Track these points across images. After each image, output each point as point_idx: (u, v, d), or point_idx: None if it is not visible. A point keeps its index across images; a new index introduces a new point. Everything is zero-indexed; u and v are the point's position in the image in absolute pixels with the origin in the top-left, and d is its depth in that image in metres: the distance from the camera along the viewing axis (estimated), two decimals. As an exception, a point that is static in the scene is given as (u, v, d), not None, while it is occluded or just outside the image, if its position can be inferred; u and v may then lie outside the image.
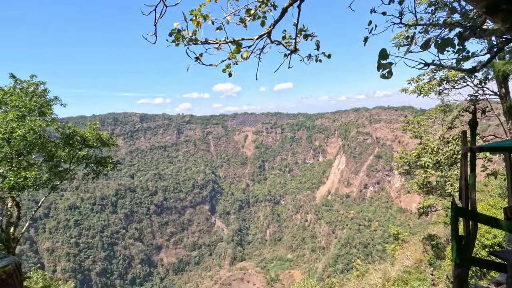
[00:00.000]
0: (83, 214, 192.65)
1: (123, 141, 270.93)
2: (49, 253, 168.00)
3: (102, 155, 18.49)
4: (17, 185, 11.42)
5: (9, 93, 13.37)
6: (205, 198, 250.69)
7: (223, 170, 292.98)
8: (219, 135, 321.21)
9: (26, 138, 12.42)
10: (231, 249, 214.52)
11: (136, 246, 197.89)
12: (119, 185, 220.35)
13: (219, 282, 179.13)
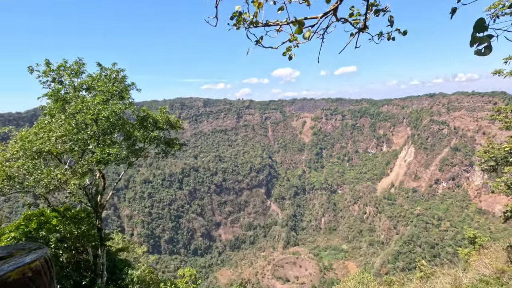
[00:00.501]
0: (155, 188, 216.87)
1: (189, 124, 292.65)
2: (128, 219, 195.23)
3: (170, 136, 20.17)
4: (102, 159, 13.31)
5: (97, 79, 15.44)
6: (261, 181, 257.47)
7: (279, 155, 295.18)
8: (277, 121, 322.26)
9: (109, 119, 14.27)
10: (285, 233, 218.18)
11: (198, 221, 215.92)
12: (185, 164, 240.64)
13: (272, 263, 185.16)
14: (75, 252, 15.68)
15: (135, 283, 15.80)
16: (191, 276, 22.19)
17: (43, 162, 13.75)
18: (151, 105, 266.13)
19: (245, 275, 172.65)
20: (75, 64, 14.88)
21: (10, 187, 12.34)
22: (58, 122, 13.55)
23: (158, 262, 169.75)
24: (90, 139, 13.83)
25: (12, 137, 14.16)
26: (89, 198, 15.44)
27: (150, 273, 22.60)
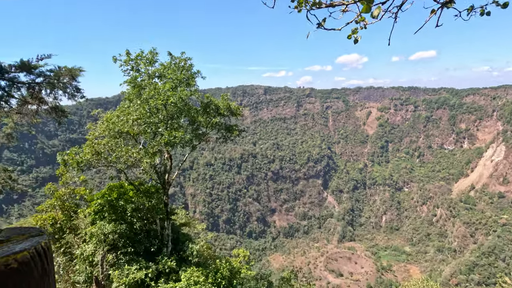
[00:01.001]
0: (216, 171, 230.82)
1: (249, 111, 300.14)
2: (192, 197, 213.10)
3: (231, 122, 20.95)
4: (169, 142, 14.61)
5: (167, 68, 16.81)
6: (318, 172, 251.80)
7: (339, 146, 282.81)
8: (338, 110, 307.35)
9: (176, 105, 15.49)
10: (341, 227, 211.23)
11: (254, 205, 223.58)
12: (244, 150, 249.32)
13: (325, 255, 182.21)
14: (146, 222, 17.78)
15: (195, 256, 17.24)
16: (245, 257, 23.22)
17: (123, 142, 15.73)
18: (215, 93, 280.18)
19: (297, 263, 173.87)
20: (149, 54, 16.41)
21: (98, 161, 14.48)
22: (134, 107, 15.26)
23: (216, 239, 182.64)
24: (160, 122, 15.27)
25: (100, 118, 16.50)
26: (158, 175, 17.21)
27: (208, 249, 24.41)
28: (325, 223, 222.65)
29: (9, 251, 0.91)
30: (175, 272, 15.39)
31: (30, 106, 8.82)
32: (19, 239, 1.01)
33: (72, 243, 16.95)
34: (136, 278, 13.70)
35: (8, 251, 0.91)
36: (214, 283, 14.88)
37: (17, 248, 0.93)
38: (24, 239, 1.00)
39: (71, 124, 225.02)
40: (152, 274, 14.33)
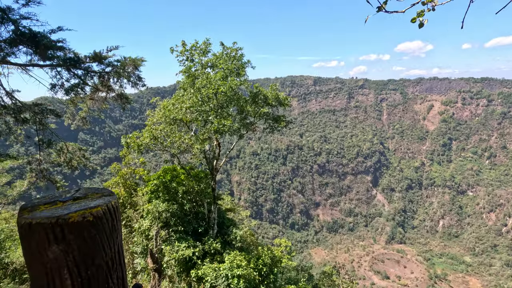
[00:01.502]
0: (261, 160, 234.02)
1: (297, 102, 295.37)
2: (237, 184, 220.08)
3: (278, 113, 20.90)
4: (219, 129, 15.21)
5: (219, 58, 17.33)
6: (368, 168, 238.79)
7: (393, 142, 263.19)
8: (395, 103, 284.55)
9: (226, 94, 15.97)
10: (390, 227, 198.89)
11: (298, 198, 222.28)
12: (290, 141, 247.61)
13: (371, 255, 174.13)
14: (195, 204, 18.94)
15: (238, 241, 17.92)
16: (287, 247, 23.38)
17: (177, 128, 16.82)
18: (264, 83, 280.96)
19: (340, 259, 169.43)
20: (203, 44, 17.06)
21: (155, 145, 15.77)
22: (188, 95, 16.14)
23: (259, 227, 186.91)
24: (210, 111, 15.92)
25: (157, 106, 17.84)
26: (207, 161, 18.09)
27: (251, 235, 25.13)
28: (372, 221, 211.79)
29: (86, 206, 1.04)
30: (220, 254, 16.23)
31: (100, 93, 9.76)
32: (93, 197, 1.15)
33: (131, 217, 18.91)
34: (184, 255, 14.79)
35: (85, 206, 1.04)
36: (256, 268, 15.32)
37: (92, 203, 1.07)
38: (98, 197, 1.14)
39: (133, 111, 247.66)
40: (199, 253, 15.31)
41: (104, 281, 1.10)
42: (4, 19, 6.51)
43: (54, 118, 9.54)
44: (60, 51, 7.77)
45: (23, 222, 1.00)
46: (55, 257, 1.00)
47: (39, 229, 0.97)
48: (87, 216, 0.99)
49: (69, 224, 0.97)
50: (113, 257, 1.14)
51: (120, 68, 8.77)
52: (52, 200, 1.12)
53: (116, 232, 1.16)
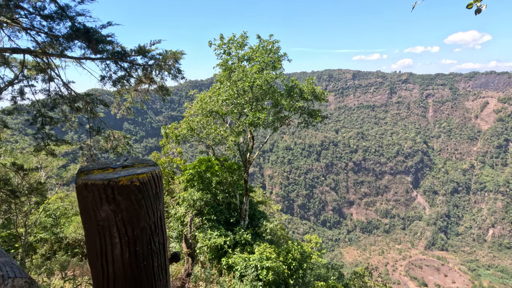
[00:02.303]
0: (295, 155, 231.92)
1: (334, 97, 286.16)
2: (269, 178, 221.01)
3: (314, 107, 20.45)
4: (253, 122, 15.33)
5: (256, 51, 17.35)
6: (409, 168, 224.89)
7: (439, 141, 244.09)
8: (443, 99, 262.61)
9: (262, 87, 15.99)
10: (431, 232, 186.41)
11: (331, 195, 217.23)
12: (325, 137, 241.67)
13: (408, 260, 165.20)
14: (228, 195, 19.43)
15: (268, 233, 18.09)
16: (317, 244, 23.08)
17: (213, 120, 17.28)
18: (300, 77, 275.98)
19: (373, 261, 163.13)
20: (240, 38, 17.18)
21: (191, 136, 16.38)
22: (224, 88, 16.45)
23: (289, 222, 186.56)
24: (246, 104, 16.09)
25: (195, 98, 18.45)
26: (241, 154, 18.38)
27: (281, 229, 25.19)
28: (410, 225, 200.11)
29: (133, 172, 1.17)
30: (250, 245, 16.53)
31: (143, 85, 10.31)
32: (140, 166, 1.27)
33: (168, 203, 19.98)
34: (216, 243, 15.32)
35: (133, 172, 1.17)
36: (285, 262, 15.37)
37: (139, 171, 1.19)
38: (143, 167, 1.26)
39: (172, 103, 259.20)
40: (230, 242, 15.75)
41: (147, 242, 1.22)
42: (63, 16, 7.11)
43: (103, 108, 10.34)
44: (109, 45, 8.33)
45: (80, 182, 1.13)
46: (106, 216, 1.12)
47: (93, 189, 1.09)
48: (134, 181, 1.10)
49: (119, 186, 1.09)
50: (156, 222, 1.25)
51: (161, 61, 9.19)
52: (104, 166, 1.24)
53: (159, 199, 1.27)
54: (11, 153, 15.45)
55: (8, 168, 9.49)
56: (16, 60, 8.74)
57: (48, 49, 8.16)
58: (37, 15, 7.33)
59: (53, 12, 7.25)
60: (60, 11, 7.41)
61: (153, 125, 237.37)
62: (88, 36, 7.62)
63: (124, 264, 1.20)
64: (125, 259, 1.20)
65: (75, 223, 19.60)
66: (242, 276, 14.11)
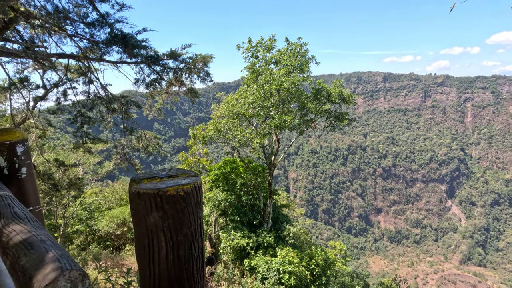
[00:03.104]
0: (320, 159, 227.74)
1: (363, 100, 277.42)
2: (294, 181, 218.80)
3: (341, 110, 20.01)
4: (279, 125, 15.33)
5: (283, 54, 17.36)
6: (443, 176, 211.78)
7: (478, 149, 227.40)
8: (483, 103, 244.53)
9: (288, 90, 15.95)
10: (467, 246, 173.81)
11: (357, 201, 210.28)
12: (352, 141, 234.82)
13: (440, 273, 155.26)
14: (251, 197, 19.54)
15: (291, 237, 17.91)
16: (341, 251, 22.48)
17: (239, 122, 17.49)
18: (328, 79, 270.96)
19: (401, 272, 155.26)
20: (268, 41, 17.28)
21: (217, 137, 16.71)
22: (251, 91, 16.61)
23: (313, 227, 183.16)
24: (272, 106, 16.11)
25: (222, 101, 18.82)
26: (265, 156, 18.42)
27: (305, 234, 24.83)
28: (444, 236, 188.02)
29: (178, 183, 1.28)
30: (272, 248, 16.47)
31: (173, 87, 10.74)
32: (183, 176, 1.40)
33: (194, 203, 20.49)
34: (239, 244, 15.45)
35: (178, 183, 1.29)
36: (308, 267, 15.13)
37: (183, 181, 1.31)
38: (186, 177, 1.38)
39: (200, 104, 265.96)
40: (253, 244, 15.81)
41: (189, 247, 1.34)
42: (103, 23, 7.61)
43: (136, 109, 10.88)
44: (144, 50, 8.77)
45: (134, 191, 1.26)
46: (155, 222, 1.25)
47: (145, 197, 1.22)
48: (180, 191, 1.22)
49: (166, 196, 1.21)
50: (196, 229, 1.37)
51: (191, 65, 9.51)
52: (152, 176, 1.38)
53: (199, 208, 1.38)
54: (53, 149, 16.72)
55: (52, 163, 10.27)
56: (61, 64, 9.48)
57: (89, 54, 8.77)
58: (81, 22, 7.91)
59: (94, 20, 7.79)
60: (101, 19, 7.93)
61: (181, 126, 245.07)
62: (125, 41, 8.08)
63: (169, 266, 1.32)
64: (169, 261, 1.31)
65: (108, 217, 20.75)
66: (264, 279, 14.09)
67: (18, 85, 8.37)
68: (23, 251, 1.28)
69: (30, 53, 6.62)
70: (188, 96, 10.82)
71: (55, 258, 1.16)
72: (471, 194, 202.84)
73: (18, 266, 1.22)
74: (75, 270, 1.10)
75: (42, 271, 1.09)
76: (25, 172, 2.61)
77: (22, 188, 2.66)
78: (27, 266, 1.16)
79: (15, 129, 2.68)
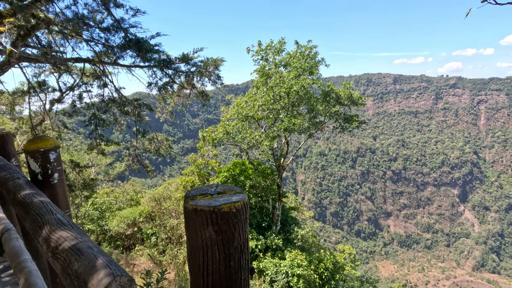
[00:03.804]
0: (329, 161, 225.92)
1: (372, 102, 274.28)
2: (302, 184, 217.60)
3: (350, 113, 19.88)
4: (288, 128, 15.35)
5: (293, 56, 17.40)
6: (455, 180, 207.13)
7: (492, 152, 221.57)
8: (497, 106, 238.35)
9: (298, 93, 15.95)
10: (480, 252, 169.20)
11: (367, 204, 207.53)
12: (361, 143, 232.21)
13: (452, 280, 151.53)
14: (260, 199, 19.56)
15: (299, 240, 17.84)
16: (350, 255, 22.25)
17: (248, 125, 17.58)
18: (337, 81, 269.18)
19: (412, 278, 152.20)
20: (278, 44, 17.35)
21: (227, 139, 16.83)
22: (260, 94, 16.68)
23: (321, 230, 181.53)
24: (281, 109, 16.15)
25: (231, 103, 18.94)
26: (274, 158, 18.44)
27: (313, 237, 24.67)
28: (456, 242, 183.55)
29: (230, 200, 1.38)
30: (281, 251, 16.44)
31: (185, 90, 10.88)
32: (231, 192, 1.49)
33: (203, 204, 20.65)
34: (248, 246, 15.48)
35: (229, 200, 1.38)
36: (317, 271, 15.04)
37: (233, 198, 1.40)
38: (234, 194, 1.47)
39: (209, 106, 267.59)
40: (261, 246, 15.81)
41: (238, 259, 1.45)
42: (118, 28, 7.81)
43: (148, 111, 11.09)
44: (156, 54, 8.96)
45: (190, 207, 1.36)
46: (210, 236, 1.35)
47: (202, 214, 1.33)
48: (232, 208, 1.32)
49: (221, 212, 1.31)
50: (244, 242, 1.47)
51: (203, 68, 9.65)
52: (204, 192, 1.50)
53: (247, 223, 1.48)
54: (68, 150, 17.13)
55: (67, 164, 10.54)
56: (77, 68, 9.76)
57: (103, 58, 9.00)
58: (97, 28, 8.14)
59: (110, 25, 8.00)
60: (115, 24, 8.14)
61: (190, 127, 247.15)
62: (139, 46, 8.26)
63: (221, 276, 1.44)
64: (221, 271, 1.43)
65: (118, 218, 21.10)
66: (272, 282, 14.08)
67: (37, 89, 8.65)
68: (73, 256, 1.36)
69: (49, 58, 6.86)
70: (199, 99, 10.97)
71: (105, 264, 1.24)
72: (484, 198, 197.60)
73: (71, 270, 1.30)
74: (124, 276, 1.17)
75: (96, 276, 1.17)
76: (57, 178, 2.76)
77: (54, 193, 2.81)
78: (80, 271, 1.23)
79: (48, 137, 2.81)
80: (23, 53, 6.77)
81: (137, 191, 27.87)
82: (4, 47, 6.01)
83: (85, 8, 7.95)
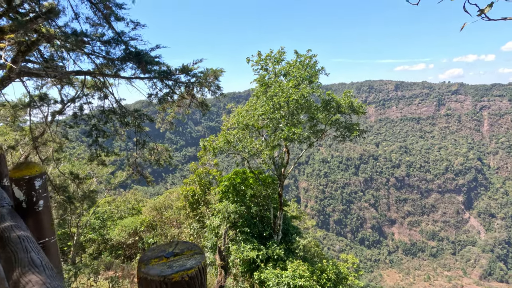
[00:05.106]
0: (331, 168, 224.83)
1: (374, 109, 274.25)
2: (304, 191, 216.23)
3: (351, 121, 19.83)
4: (288, 137, 15.33)
5: (292, 66, 17.51)
6: (460, 187, 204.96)
7: (496, 158, 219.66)
8: (500, 112, 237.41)
9: (298, 102, 15.99)
10: (487, 260, 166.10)
11: (370, 212, 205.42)
12: (364, 150, 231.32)
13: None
14: (261, 208, 19.42)
15: (301, 250, 17.63)
16: (354, 264, 21.90)
17: (248, 133, 17.60)
18: (338, 88, 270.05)
19: (418, 287, 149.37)
20: (277, 53, 17.49)
21: (228, 148, 16.83)
22: (260, 103, 16.74)
23: (324, 238, 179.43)
24: (281, 118, 16.18)
25: (232, 112, 19.02)
26: (275, 167, 18.38)
27: (315, 246, 24.37)
28: (462, 250, 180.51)
29: (184, 267, 1.34)
30: (283, 261, 16.23)
31: (185, 101, 10.96)
32: (188, 254, 1.44)
33: (204, 214, 20.55)
34: (249, 257, 15.31)
35: (183, 267, 1.34)
36: (319, 282, 14.80)
37: (188, 264, 1.36)
38: (191, 256, 1.42)
39: (211, 114, 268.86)
40: (263, 256, 15.63)
41: None
42: (118, 41, 7.92)
43: (148, 122, 11.14)
44: (156, 65, 9.05)
45: (141, 275, 1.38)
46: None
47: (152, 284, 1.33)
48: (185, 276, 1.29)
49: (172, 282, 1.29)
50: None
51: (203, 79, 9.73)
52: (160, 255, 1.46)
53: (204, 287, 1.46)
54: (69, 160, 17.19)
55: (67, 176, 10.57)
56: (78, 80, 9.88)
57: (104, 70, 9.11)
58: (97, 41, 8.27)
59: (110, 38, 8.12)
60: (116, 37, 8.26)
61: (192, 135, 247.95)
62: (139, 58, 8.36)
63: None
64: None
65: (120, 227, 21.01)
66: (274, 293, 13.86)
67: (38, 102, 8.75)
68: None
69: (50, 72, 6.95)
70: (200, 109, 11.04)
71: None
72: (490, 205, 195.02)
73: None
74: None
75: None
76: (42, 205, 2.73)
77: (39, 220, 2.78)
78: None
79: (34, 163, 2.78)
80: (24, 68, 6.87)
81: (138, 200, 27.82)
82: (5, 61, 6.10)
83: (86, 22, 8.10)
